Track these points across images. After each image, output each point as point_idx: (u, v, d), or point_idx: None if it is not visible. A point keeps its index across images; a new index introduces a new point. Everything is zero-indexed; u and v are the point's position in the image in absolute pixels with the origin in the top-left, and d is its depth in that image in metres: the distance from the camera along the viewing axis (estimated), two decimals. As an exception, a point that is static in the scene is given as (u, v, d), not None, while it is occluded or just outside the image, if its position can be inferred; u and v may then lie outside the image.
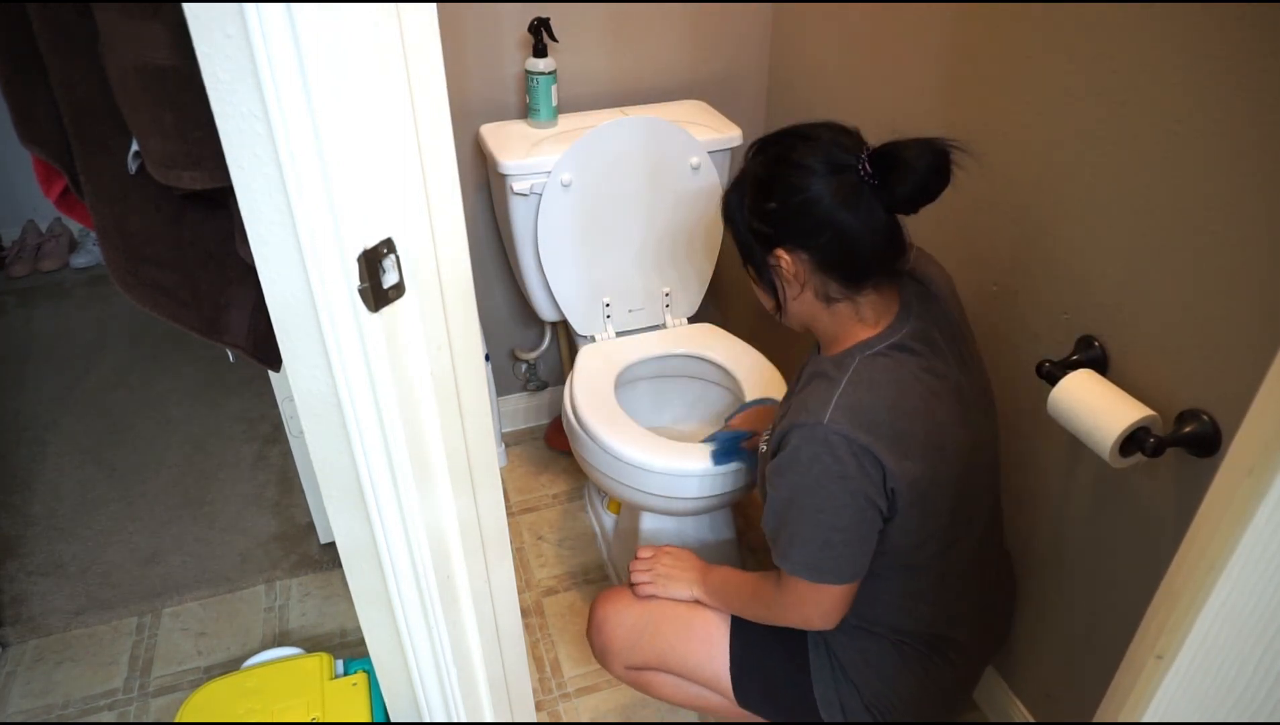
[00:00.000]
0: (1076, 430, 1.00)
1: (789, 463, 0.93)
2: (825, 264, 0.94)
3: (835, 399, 0.91)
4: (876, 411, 0.91)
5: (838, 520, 0.92)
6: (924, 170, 0.87)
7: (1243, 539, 0.38)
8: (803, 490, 0.93)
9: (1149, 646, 0.44)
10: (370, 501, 0.70)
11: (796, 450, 0.92)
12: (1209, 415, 0.92)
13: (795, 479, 0.93)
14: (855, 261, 0.93)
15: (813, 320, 1.00)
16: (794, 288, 0.97)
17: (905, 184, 0.88)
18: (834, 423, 0.90)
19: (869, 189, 0.89)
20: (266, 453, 2.04)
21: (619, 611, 1.17)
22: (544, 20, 1.52)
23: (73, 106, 0.71)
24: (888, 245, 0.94)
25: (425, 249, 0.65)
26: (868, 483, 0.90)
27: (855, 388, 0.92)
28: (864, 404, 0.91)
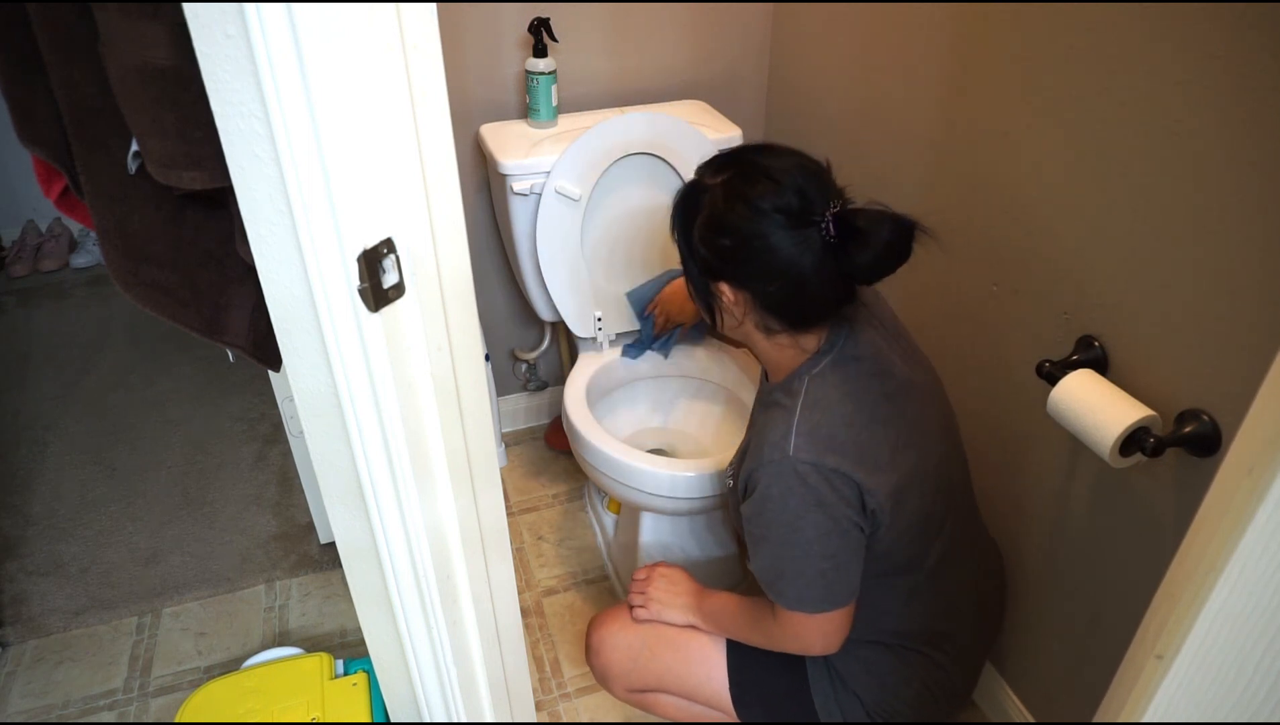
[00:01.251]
0: (1076, 430, 1.00)
1: (763, 502, 0.92)
2: (770, 307, 0.93)
3: (794, 427, 0.90)
4: (836, 430, 0.90)
5: (825, 548, 0.91)
6: (883, 245, 0.85)
7: (1243, 539, 0.38)
8: (784, 527, 0.91)
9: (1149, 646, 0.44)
10: (370, 501, 0.70)
11: (768, 488, 0.91)
12: (1209, 415, 0.92)
13: (773, 517, 0.92)
14: (803, 309, 0.93)
15: (751, 343, 0.99)
16: (732, 318, 0.97)
17: (865, 254, 0.85)
18: (799, 452, 0.89)
19: (826, 247, 0.87)
20: (266, 453, 2.04)
21: (614, 634, 1.17)
22: (544, 20, 1.52)
23: (73, 106, 0.71)
24: (838, 295, 0.93)
25: (425, 249, 0.65)
26: (845, 505, 0.89)
27: (811, 411, 0.91)
28: (825, 424, 0.90)
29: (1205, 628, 0.41)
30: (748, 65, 1.77)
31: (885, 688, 1.04)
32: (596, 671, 1.20)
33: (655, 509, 1.43)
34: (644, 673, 1.15)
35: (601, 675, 1.19)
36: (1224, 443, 0.91)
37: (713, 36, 1.71)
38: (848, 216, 0.86)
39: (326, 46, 0.52)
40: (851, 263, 0.86)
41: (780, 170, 0.89)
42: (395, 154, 0.59)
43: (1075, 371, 1.02)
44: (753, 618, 1.05)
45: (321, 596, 1.68)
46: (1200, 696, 0.43)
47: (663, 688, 1.15)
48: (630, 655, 1.15)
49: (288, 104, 0.52)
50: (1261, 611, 0.40)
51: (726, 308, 0.95)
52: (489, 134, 1.59)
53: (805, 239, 0.86)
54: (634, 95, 1.72)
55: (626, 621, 1.17)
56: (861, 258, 0.86)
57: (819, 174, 0.90)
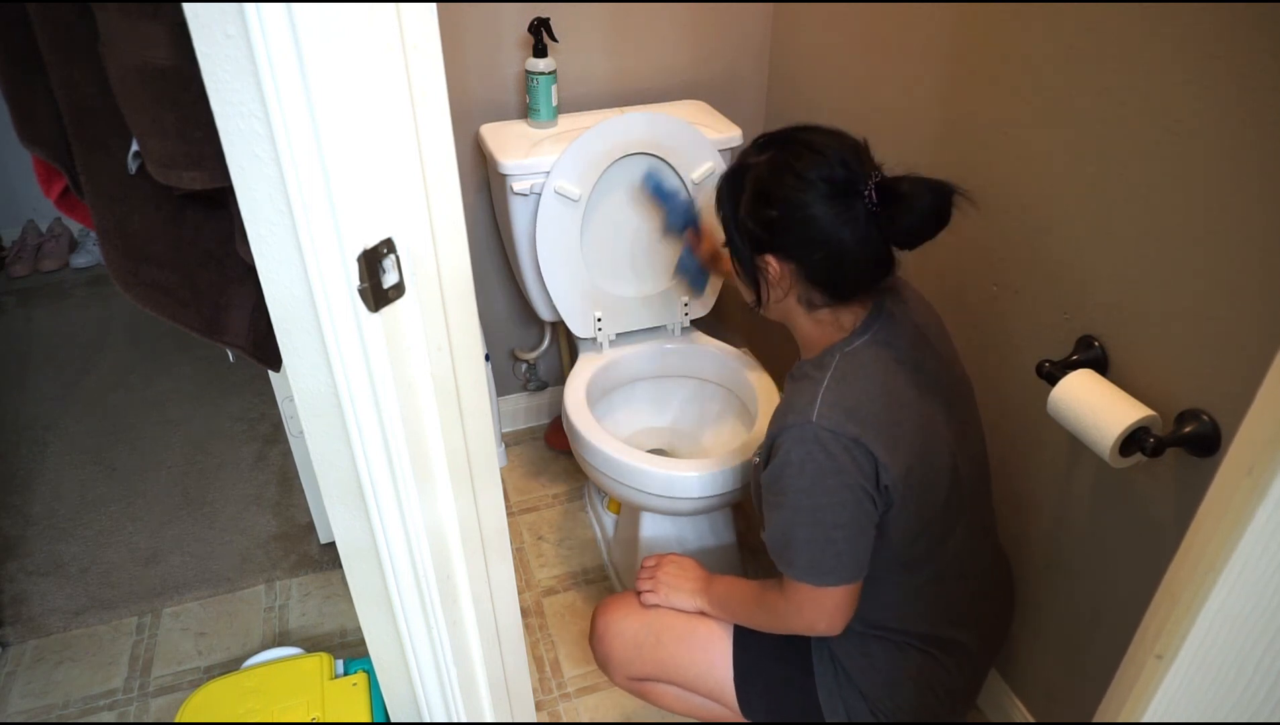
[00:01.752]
0: (1076, 430, 1.00)
1: (782, 467, 0.93)
2: (814, 277, 0.96)
3: (821, 396, 0.92)
4: (863, 403, 0.92)
5: (837, 517, 0.92)
6: (926, 210, 0.89)
7: (1243, 539, 0.38)
8: (799, 492, 0.93)
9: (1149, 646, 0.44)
10: (370, 501, 0.70)
11: (788, 453, 0.92)
12: (1209, 415, 0.92)
13: (791, 482, 0.93)
14: (845, 279, 0.96)
15: (791, 320, 1.02)
16: (778, 292, 0.99)
17: (908, 218, 0.89)
18: (822, 419, 0.90)
19: (869, 216, 0.90)
20: (266, 453, 2.04)
21: (619, 621, 1.17)
22: (544, 20, 1.52)
23: (73, 106, 0.71)
24: (879, 266, 0.96)
25: (425, 249, 0.65)
26: (861, 476, 0.91)
27: (839, 383, 0.93)
28: (850, 397, 0.92)
29: (1205, 628, 0.41)
30: (748, 65, 1.77)
31: (888, 683, 1.04)
32: (598, 657, 1.20)
33: (655, 509, 1.43)
34: (646, 660, 1.14)
35: (603, 661, 1.19)
36: (1224, 443, 0.91)
37: (713, 36, 1.71)
38: (890, 184, 0.89)
39: (326, 46, 0.52)
40: (895, 228, 0.90)
41: (823, 144, 0.92)
42: (395, 154, 0.59)
43: (1075, 371, 1.02)
44: (759, 597, 1.06)
45: (321, 596, 1.68)
46: (1200, 696, 0.43)
47: (664, 676, 1.15)
48: (634, 642, 1.15)
49: (288, 104, 0.52)
50: (1261, 611, 0.40)
51: (773, 281, 0.98)
52: (489, 134, 1.59)
53: (849, 207, 0.90)
54: (634, 95, 1.72)
55: (632, 608, 1.17)
56: (905, 221, 0.89)
57: (859, 148, 0.94)
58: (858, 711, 1.05)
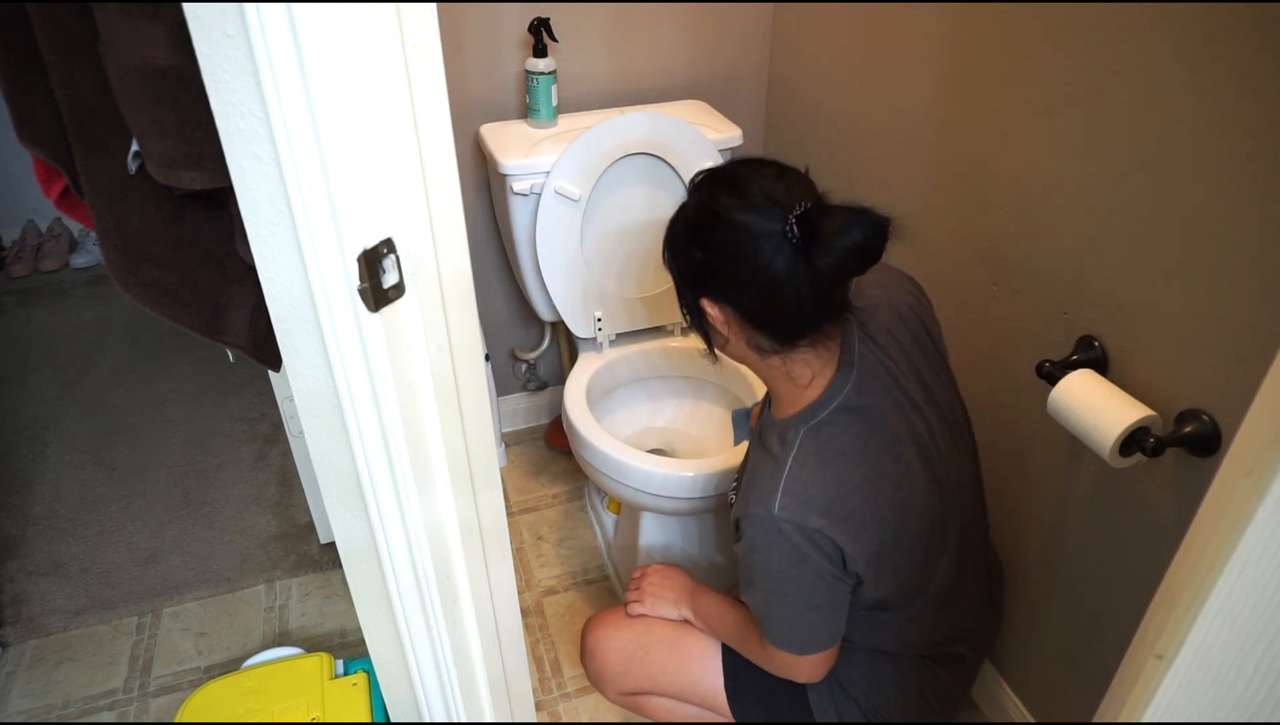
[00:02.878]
0: (1076, 430, 1.00)
1: (750, 552, 0.92)
2: (753, 319, 0.90)
3: (782, 484, 0.88)
4: (824, 492, 0.88)
5: (810, 600, 0.93)
6: (851, 245, 0.81)
7: (1243, 539, 0.38)
8: (768, 577, 0.92)
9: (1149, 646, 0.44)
10: (370, 501, 0.70)
11: (754, 540, 0.91)
12: (1209, 415, 0.92)
13: (759, 566, 0.92)
14: (785, 319, 0.90)
15: (749, 365, 0.97)
16: (720, 337, 0.95)
17: (826, 256, 0.82)
18: (784, 511, 0.88)
19: (796, 250, 0.83)
20: (266, 453, 2.04)
21: (609, 637, 1.17)
22: (544, 20, 1.52)
23: (73, 106, 0.71)
24: (819, 307, 0.89)
25: (425, 249, 0.65)
26: (827, 561, 0.90)
27: (801, 469, 0.89)
28: (811, 487, 0.88)
29: (1205, 628, 0.41)
30: (748, 65, 1.77)
31: (882, 694, 1.04)
32: (591, 674, 1.20)
33: (655, 509, 1.43)
34: (638, 674, 1.15)
35: (596, 677, 1.19)
36: (1224, 443, 0.91)
37: (713, 36, 1.71)
38: (811, 217, 0.82)
39: (326, 46, 0.52)
40: (814, 266, 0.83)
41: (747, 179, 0.87)
42: (395, 154, 0.59)
43: (1075, 371, 1.02)
44: (743, 633, 1.06)
45: (321, 596, 1.68)
46: (1200, 696, 0.43)
47: (656, 689, 1.15)
48: (625, 657, 1.15)
49: (288, 104, 0.52)
50: (1261, 611, 0.40)
51: (714, 324, 0.93)
52: (489, 134, 1.59)
53: (770, 241, 0.83)
54: (634, 95, 1.72)
55: (621, 623, 1.17)
56: (823, 261, 0.82)
57: (791, 179, 0.87)
58: (850, 714, 1.05)
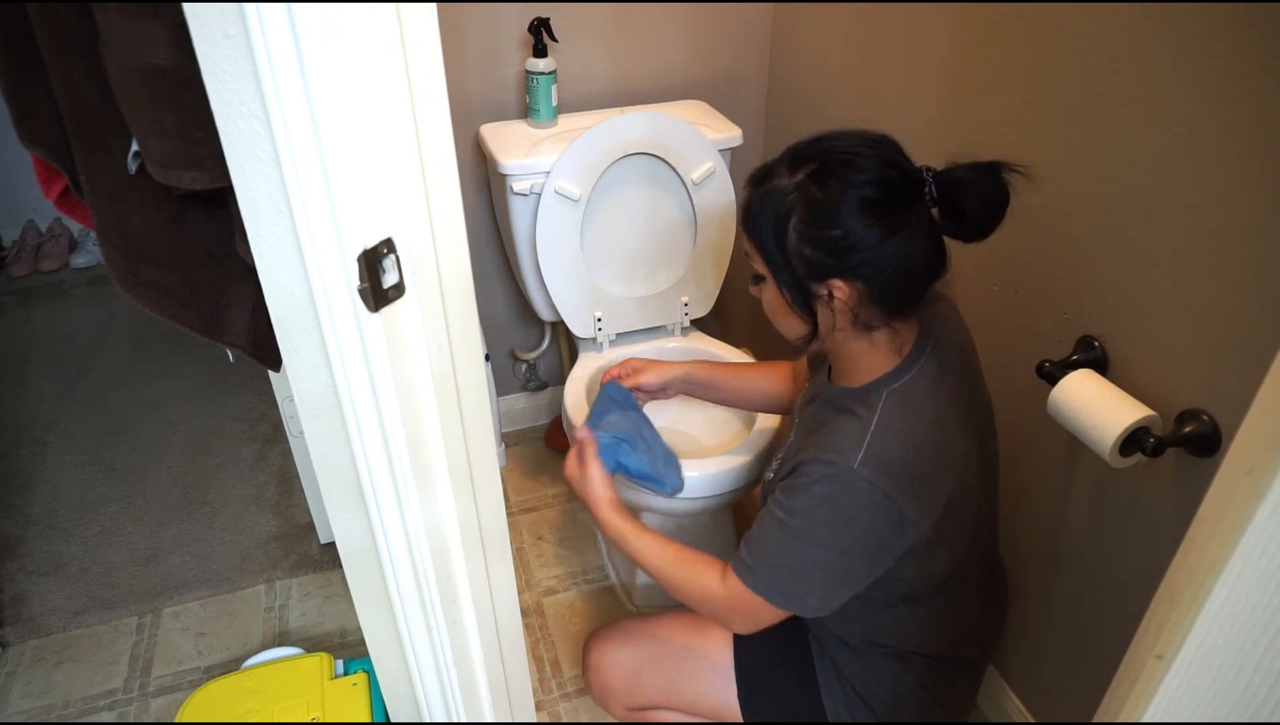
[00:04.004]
0: (1076, 430, 1.00)
1: (799, 490, 0.89)
2: (882, 295, 0.86)
3: (867, 442, 0.86)
4: (907, 455, 0.86)
5: (828, 558, 0.89)
6: (989, 192, 0.82)
7: (1243, 539, 0.38)
8: (804, 520, 0.89)
9: (1149, 646, 0.44)
10: (370, 501, 0.70)
11: (812, 484, 0.88)
12: (1209, 415, 0.92)
13: (802, 508, 0.89)
14: (911, 291, 0.88)
15: (844, 347, 0.93)
16: (844, 318, 0.89)
17: (974, 205, 0.82)
18: (864, 467, 0.85)
19: (930, 216, 0.84)
20: (266, 453, 2.04)
21: (614, 651, 1.15)
22: (544, 20, 1.52)
23: (73, 106, 0.71)
24: (938, 271, 0.88)
25: (425, 249, 0.65)
26: (875, 532, 0.87)
27: (885, 430, 0.86)
28: (895, 447, 0.86)
29: (1205, 628, 0.41)
30: (748, 65, 1.77)
31: (895, 696, 1.04)
32: (595, 690, 1.18)
33: (655, 509, 1.43)
34: (647, 688, 1.13)
35: (601, 694, 1.17)
36: (1224, 443, 0.91)
37: (713, 36, 1.71)
38: (946, 176, 0.83)
39: (326, 46, 0.52)
40: (963, 218, 0.83)
41: (862, 149, 0.84)
42: (395, 154, 0.59)
43: (1075, 371, 1.02)
44: (685, 563, 1.00)
45: (321, 596, 1.68)
46: (1200, 696, 0.43)
47: (665, 703, 1.14)
48: (631, 671, 1.14)
49: (288, 104, 0.52)
50: (1261, 611, 0.40)
51: (838, 308, 0.88)
52: (489, 134, 1.59)
53: (913, 210, 0.83)
54: (634, 95, 1.72)
55: (626, 637, 1.16)
56: (972, 209, 0.82)
57: (896, 144, 0.87)
58: (863, 717, 1.05)
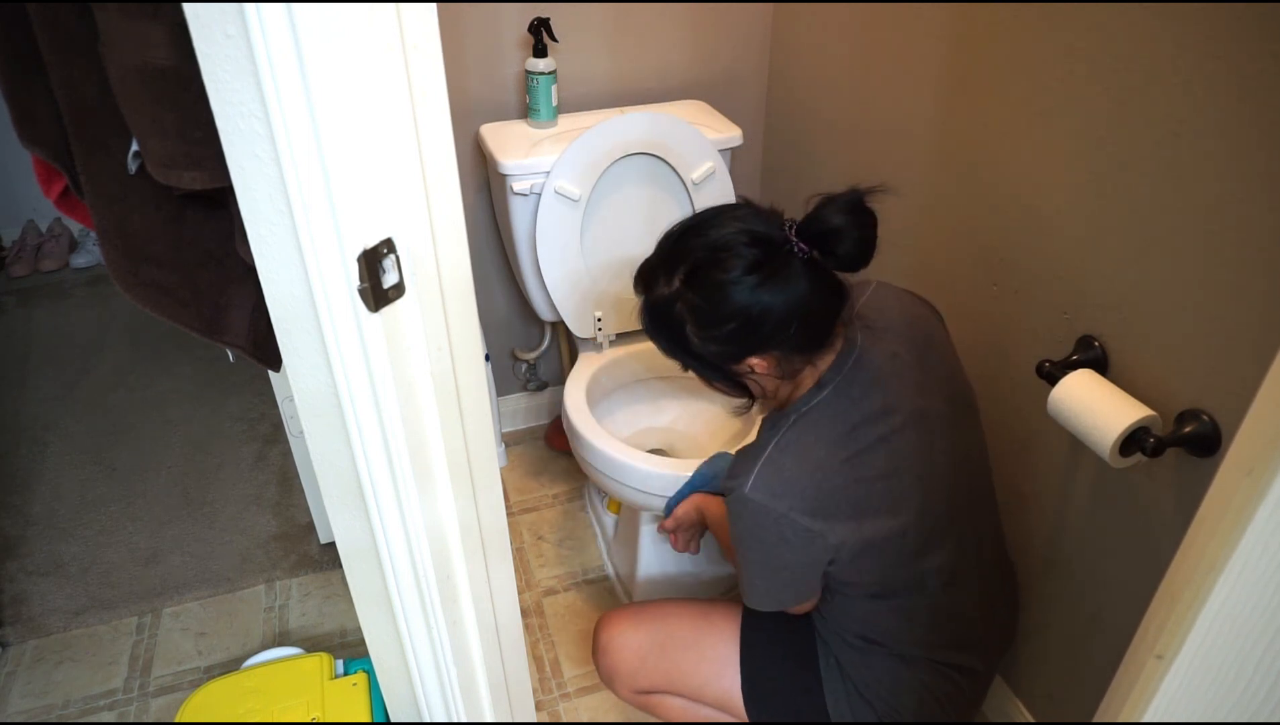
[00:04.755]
0: (1076, 430, 1.00)
1: (730, 518, 0.96)
2: (796, 346, 0.92)
3: (759, 467, 0.91)
4: (799, 476, 0.91)
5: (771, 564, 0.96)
6: (853, 223, 0.84)
7: (1243, 539, 0.38)
8: (744, 542, 0.96)
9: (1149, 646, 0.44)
10: (370, 501, 0.70)
11: (728, 506, 0.95)
12: (1209, 415, 0.92)
13: (738, 532, 0.96)
14: (823, 329, 0.93)
15: (774, 395, 1.00)
16: (771, 382, 0.96)
17: (845, 242, 0.85)
18: (754, 492, 0.91)
19: (807, 263, 0.87)
20: (266, 453, 2.04)
21: (624, 633, 1.17)
22: (544, 20, 1.52)
23: (73, 106, 0.71)
24: (837, 302, 0.93)
25: (425, 249, 0.65)
26: (782, 541, 0.93)
27: (781, 454, 0.92)
28: (787, 470, 0.91)
29: (1205, 628, 0.41)
30: (748, 65, 1.77)
31: (897, 696, 1.04)
32: (603, 671, 1.20)
33: (655, 509, 1.43)
34: (653, 672, 1.15)
35: (608, 675, 1.19)
36: (1224, 443, 0.91)
37: (713, 36, 1.71)
38: (806, 224, 0.86)
39: (326, 46, 0.52)
40: (837, 259, 0.87)
41: (721, 235, 0.89)
42: (395, 154, 0.59)
43: (1075, 371, 1.02)
44: None
45: (321, 596, 1.68)
46: (1200, 696, 0.43)
47: (670, 688, 1.15)
48: (639, 654, 1.15)
49: (288, 104, 0.52)
50: (1261, 611, 0.40)
51: (763, 375, 0.95)
52: (489, 134, 1.59)
53: (789, 269, 0.86)
54: (634, 95, 1.72)
55: (636, 620, 1.18)
56: (843, 248, 0.85)
57: (754, 209, 0.91)
58: (865, 716, 1.05)
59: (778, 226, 0.88)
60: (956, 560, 1.01)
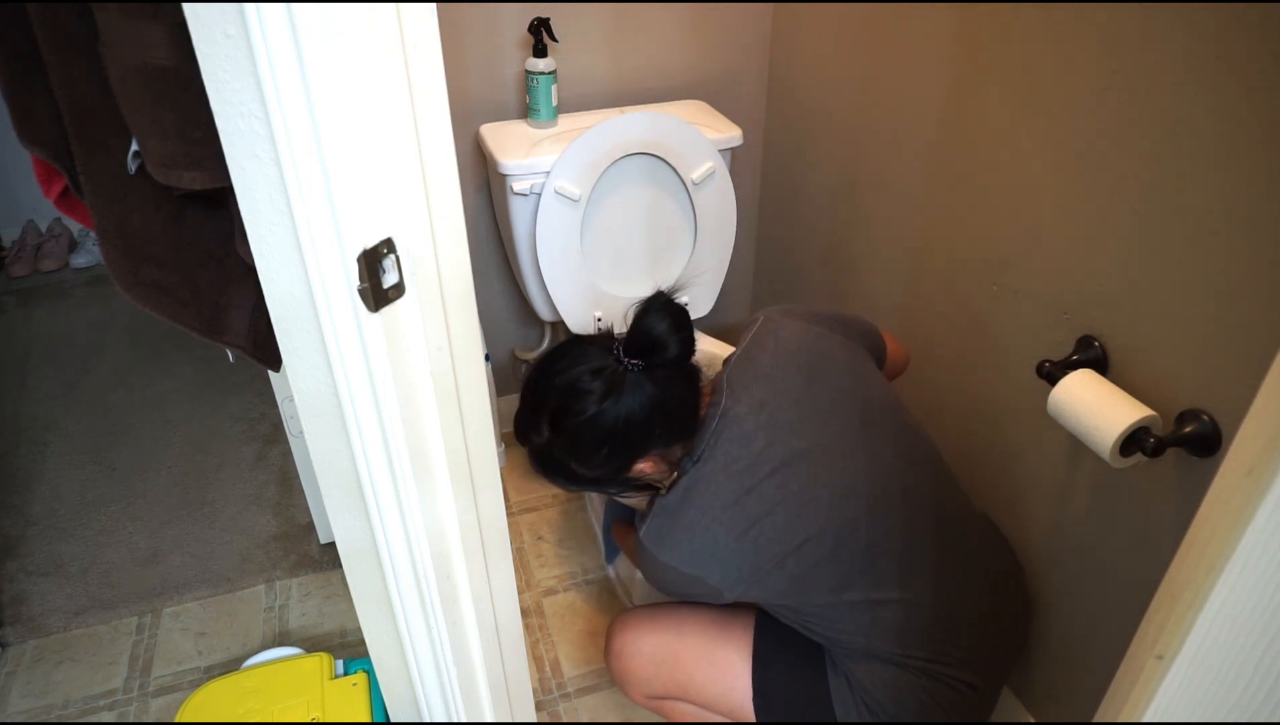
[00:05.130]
0: (1076, 430, 1.00)
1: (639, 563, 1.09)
2: (668, 441, 1.01)
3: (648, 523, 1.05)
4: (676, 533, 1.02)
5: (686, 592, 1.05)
6: (671, 326, 0.96)
7: (1243, 539, 0.38)
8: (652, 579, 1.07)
9: (1149, 646, 0.44)
10: (370, 501, 0.70)
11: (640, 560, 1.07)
12: (1209, 415, 0.92)
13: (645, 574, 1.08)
14: (684, 419, 1.02)
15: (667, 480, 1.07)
16: (664, 472, 1.04)
17: (671, 346, 0.96)
18: (647, 539, 1.04)
19: (646, 372, 0.96)
20: (266, 453, 2.04)
21: (636, 639, 1.18)
22: (544, 20, 1.52)
23: (73, 106, 0.71)
24: (687, 387, 1.02)
25: (425, 249, 0.65)
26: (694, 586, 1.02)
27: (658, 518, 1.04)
28: (665, 529, 1.03)
29: (1205, 628, 0.41)
30: (748, 65, 1.77)
31: (898, 701, 1.04)
32: (616, 675, 1.21)
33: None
34: (666, 680, 1.16)
35: (621, 679, 1.20)
36: (1224, 443, 0.91)
37: (713, 36, 1.71)
38: (630, 344, 0.97)
39: (326, 46, 0.52)
40: (668, 357, 0.97)
41: (561, 376, 0.99)
42: (395, 154, 0.59)
43: (1075, 371, 1.02)
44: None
45: (321, 596, 1.68)
46: (1200, 696, 0.43)
47: (684, 696, 1.16)
48: (654, 662, 1.16)
49: (288, 104, 0.52)
50: (1261, 611, 0.40)
51: (656, 476, 1.04)
52: (489, 134, 1.59)
53: (633, 382, 0.96)
54: (634, 95, 1.72)
55: (652, 627, 1.18)
56: (672, 351, 0.96)
57: (583, 347, 1.01)
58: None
59: (609, 353, 0.98)
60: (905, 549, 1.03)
